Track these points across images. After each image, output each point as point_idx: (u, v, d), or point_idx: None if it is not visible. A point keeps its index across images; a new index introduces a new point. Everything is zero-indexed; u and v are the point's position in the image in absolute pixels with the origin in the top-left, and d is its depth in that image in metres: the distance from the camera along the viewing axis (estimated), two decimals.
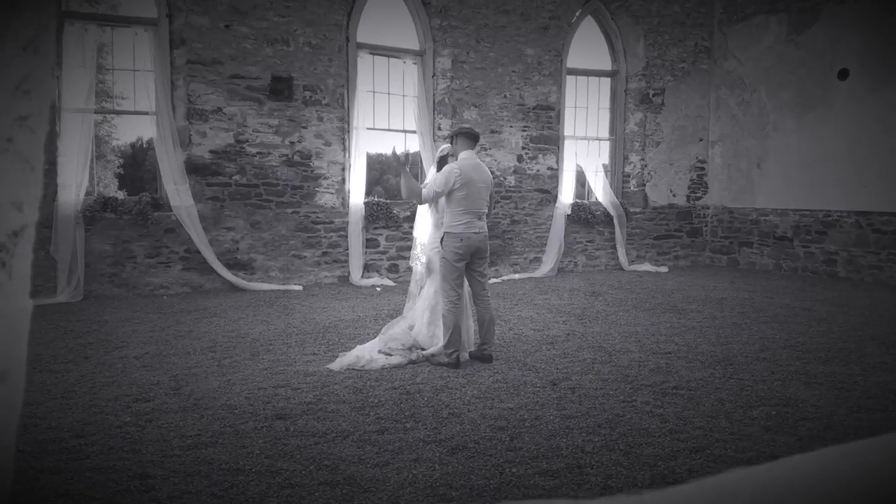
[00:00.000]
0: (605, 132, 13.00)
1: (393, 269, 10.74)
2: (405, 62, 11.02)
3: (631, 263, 12.52)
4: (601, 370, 5.40)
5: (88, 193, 8.94)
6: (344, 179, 10.38)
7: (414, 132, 11.04)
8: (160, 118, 9.14)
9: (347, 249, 10.36)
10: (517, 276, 11.38)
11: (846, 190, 10.97)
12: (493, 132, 11.40)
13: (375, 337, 6.05)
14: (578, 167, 12.45)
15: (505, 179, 11.56)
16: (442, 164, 5.94)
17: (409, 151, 11.34)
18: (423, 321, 5.95)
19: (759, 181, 12.46)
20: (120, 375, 5.17)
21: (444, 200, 5.65)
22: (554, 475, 3.41)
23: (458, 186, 5.51)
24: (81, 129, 8.69)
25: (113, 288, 8.92)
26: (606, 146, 13.04)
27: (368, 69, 10.60)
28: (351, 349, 5.85)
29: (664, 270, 12.20)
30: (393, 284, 10.21)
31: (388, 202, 10.73)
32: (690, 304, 8.61)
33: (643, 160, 12.83)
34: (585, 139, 12.67)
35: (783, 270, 12.03)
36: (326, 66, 10.04)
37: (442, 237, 5.61)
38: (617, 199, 12.58)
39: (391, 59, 10.93)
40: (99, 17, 10.33)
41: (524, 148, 11.71)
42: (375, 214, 10.53)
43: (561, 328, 7.06)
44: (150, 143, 11.82)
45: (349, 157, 10.38)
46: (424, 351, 5.73)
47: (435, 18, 10.89)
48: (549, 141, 11.94)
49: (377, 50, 10.72)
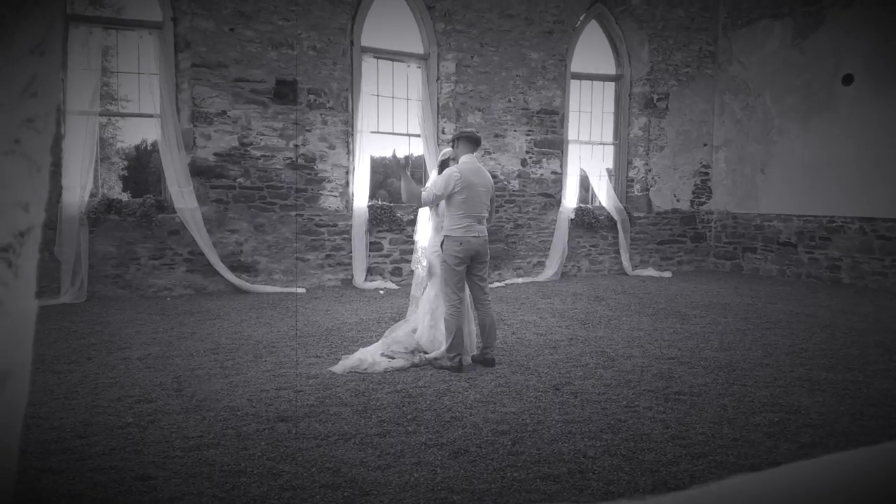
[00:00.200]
0: (609, 136, 13.01)
1: (396, 272, 10.75)
2: (409, 66, 11.04)
3: (634, 268, 12.51)
4: (604, 375, 5.39)
5: (93, 195, 8.98)
6: (348, 182, 10.40)
7: (418, 136, 11.05)
8: (165, 121, 9.17)
9: (351, 252, 10.38)
10: (520, 280, 11.38)
11: (850, 195, 10.95)
12: (497, 136, 11.41)
13: (378, 340, 6.06)
14: (582, 171, 12.47)
15: (509, 183, 11.56)
16: (443, 167, 5.95)
17: (410, 155, 11.36)
18: (425, 324, 5.95)
19: (763, 186, 12.45)
20: (122, 376, 5.18)
21: (444, 204, 5.66)
22: (555, 480, 3.40)
23: (458, 190, 5.52)
24: (86, 131, 8.74)
25: (116, 289, 8.94)
26: (610, 151, 13.05)
27: (372, 73, 10.62)
28: (354, 352, 5.85)
29: (668, 275, 12.18)
30: (396, 287, 10.22)
31: (391, 205, 10.73)
32: (694, 309, 8.60)
33: (647, 165, 12.83)
34: (589, 143, 12.68)
35: (787, 276, 12.00)
36: (331, 69, 10.06)
37: (442, 241, 5.62)
38: (621, 203, 12.57)
39: (395, 62, 10.95)
40: (104, 20, 10.35)
41: (528, 152, 11.72)
42: (379, 217, 10.54)
43: (564, 333, 7.06)
44: (154, 145, 11.86)
45: (353, 160, 10.40)
46: (427, 354, 5.73)
47: (439, 22, 10.91)
48: (552, 145, 11.94)
49: (381, 54, 10.74)
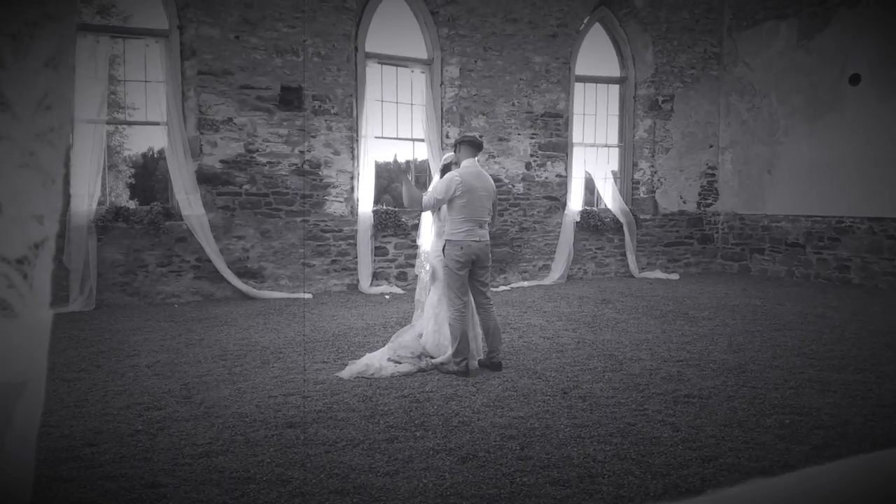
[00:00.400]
0: (613, 139, 13.00)
1: (401, 276, 10.75)
2: (413, 71, 11.06)
3: (641, 271, 12.48)
4: (612, 378, 5.38)
5: (101, 203, 9.01)
6: (353, 188, 10.42)
7: (422, 140, 11.07)
8: (171, 128, 9.21)
9: (356, 257, 10.38)
10: (526, 283, 11.36)
11: (859, 196, 10.90)
12: (501, 140, 11.42)
13: (385, 345, 6.05)
14: (587, 174, 12.45)
15: (513, 187, 11.56)
16: (445, 171, 5.95)
17: (414, 159, 11.37)
18: (429, 329, 5.95)
19: (770, 187, 12.41)
20: (132, 384, 5.19)
21: (445, 209, 5.67)
22: (565, 485, 3.39)
23: (458, 194, 5.53)
24: (94, 139, 8.77)
25: (125, 297, 8.97)
26: (615, 153, 13.03)
27: (377, 78, 10.65)
28: (360, 357, 5.85)
29: (675, 278, 12.15)
30: (402, 292, 10.22)
31: (396, 210, 10.75)
32: (702, 311, 8.58)
33: (653, 167, 12.81)
34: (594, 146, 12.67)
35: (795, 277, 11.96)
36: (335, 75, 10.09)
37: (444, 245, 5.62)
38: (626, 205, 12.55)
39: (399, 68, 10.97)
40: (111, 29, 10.43)
41: (532, 155, 11.72)
42: (384, 222, 10.56)
43: (571, 336, 7.04)
44: (161, 153, 11.91)
45: (358, 165, 10.42)
46: (433, 359, 5.72)
47: (443, 28, 10.93)
48: (557, 148, 11.94)
49: (385, 59, 10.77)
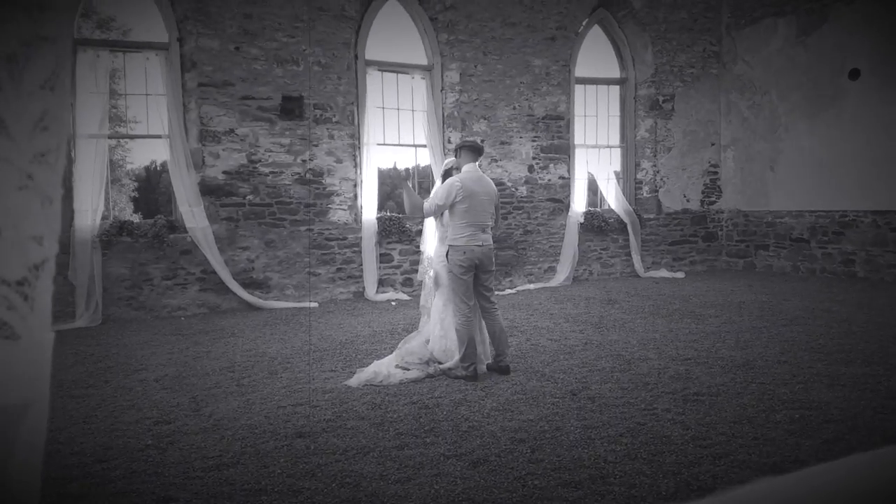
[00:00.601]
0: (615, 140, 12.99)
1: (407, 283, 10.75)
2: (413, 77, 11.08)
3: (647, 270, 12.45)
4: (620, 378, 5.37)
5: (104, 218, 9.04)
6: (356, 195, 10.43)
7: (424, 146, 11.08)
8: (173, 141, 9.23)
9: (362, 265, 10.39)
10: (532, 286, 11.35)
11: (862, 189, 10.88)
12: (503, 143, 11.42)
13: (392, 352, 6.05)
14: (590, 175, 12.45)
15: (517, 190, 11.56)
16: (447, 177, 5.96)
17: (417, 165, 11.39)
18: (435, 334, 5.94)
19: (772, 184, 12.39)
20: (140, 398, 5.20)
21: (447, 214, 5.67)
22: (577, 486, 3.38)
23: (459, 199, 5.53)
24: (96, 154, 8.81)
25: (131, 311, 8.99)
26: (617, 153, 13.03)
27: (377, 86, 10.67)
28: (368, 365, 5.84)
29: (680, 276, 12.13)
30: (408, 298, 10.22)
31: (400, 216, 10.75)
32: (708, 309, 8.55)
33: (655, 166, 12.79)
34: (596, 147, 12.66)
35: (801, 272, 11.92)
36: (336, 84, 10.11)
37: (447, 251, 5.62)
38: (630, 205, 12.54)
39: (400, 74, 10.99)
40: (110, 43, 10.48)
41: (535, 158, 11.72)
42: (388, 229, 10.56)
43: (578, 337, 7.03)
44: (164, 165, 11.95)
45: (360, 173, 10.43)
46: (441, 365, 5.72)
47: (442, 33, 10.95)
48: (559, 150, 11.94)
49: (385, 66, 10.79)
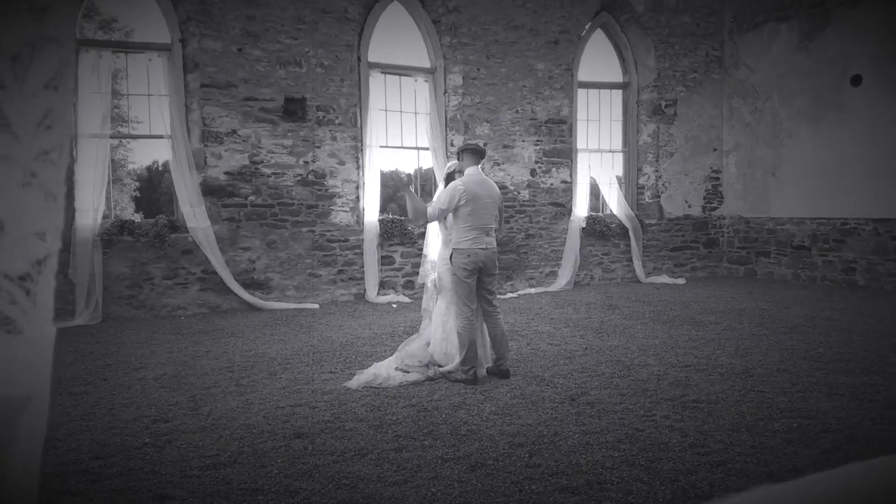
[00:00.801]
0: (618, 144, 13.00)
1: (408, 285, 10.76)
2: (416, 80, 11.10)
3: (648, 276, 12.45)
4: (620, 384, 5.37)
5: (105, 217, 9.06)
6: (358, 197, 10.44)
7: (427, 149, 11.09)
8: (175, 141, 9.24)
9: (363, 267, 10.40)
10: (533, 290, 11.35)
11: (863, 197, 10.87)
12: (505, 147, 11.43)
13: (392, 354, 6.06)
14: (592, 180, 12.45)
15: (519, 194, 11.57)
16: (449, 180, 5.97)
17: (421, 168, 11.39)
18: (436, 337, 5.94)
19: (774, 190, 12.39)
20: (139, 397, 5.20)
21: (451, 217, 5.68)
22: (574, 492, 3.38)
23: (463, 203, 5.54)
24: (97, 154, 8.83)
25: (131, 310, 9.00)
26: (620, 158, 13.03)
27: (380, 88, 10.69)
28: (368, 367, 5.85)
29: (681, 282, 12.13)
30: (409, 301, 10.22)
31: (402, 219, 10.76)
32: (708, 315, 8.55)
33: (657, 171, 12.80)
34: (598, 152, 12.67)
35: (801, 280, 11.92)
36: (339, 86, 10.13)
37: (451, 254, 5.63)
38: (632, 210, 12.54)
39: (402, 77, 11.01)
40: (113, 43, 10.51)
41: (537, 162, 11.73)
42: (390, 231, 10.57)
43: (578, 342, 7.03)
44: (165, 166, 11.97)
45: (363, 175, 10.44)
46: (441, 368, 5.72)
47: (445, 36, 10.97)
48: (562, 154, 11.95)
49: (388, 69, 10.81)
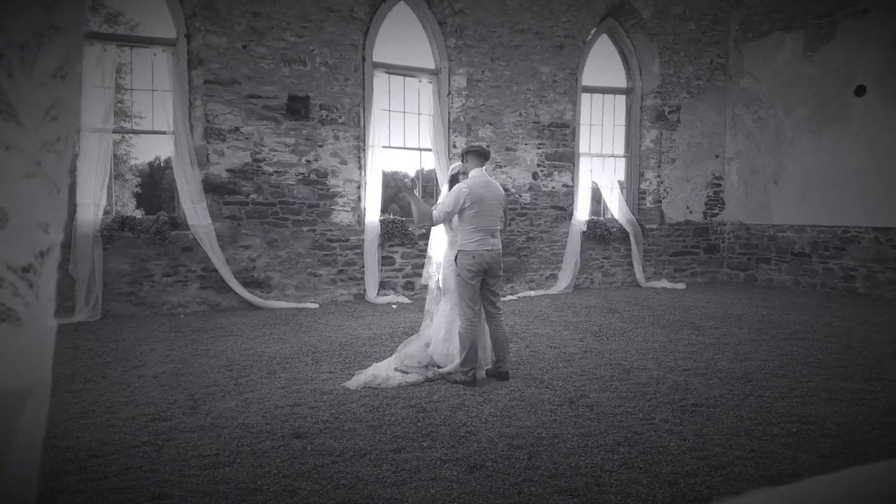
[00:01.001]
0: (620, 149, 13.01)
1: (409, 286, 10.75)
2: (420, 81, 11.10)
3: (648, 280, 12.45)
4: (619, 388, 5.36)
5: (106, 212, 9.05)
6: (360, 197, 10.44)
7: (429, 150, 11.09)
8: (178, 137, 9.24)
9: (363, 267, 10.39)
10: (533, 293, 11.35)
11: (864, 206, 10.87)
12: (508, 150, 11.43)
13: (392, 355, 6.05)
14: (594, 184, 12.46)
15: (520, 196, 11.56)
16: (454, 182, 5.97)
17: (423, 169, 11.39)
18: (438, 338, 5.94)
19: (775, 197, 12.39)
20: (138, 395, 5.19)
21: (456, 219, 5.68)
22: (573, 494, 3.38)
23: (468, 205, 5.53)
24: (100, 148, 8.79)
25: (130, 307, 8.99)
26: (622, 163, 13.04)
27: (384, 88, 10.68)
28: (367, 367, 5.84)
29: (681, 287, 12.12)
30: (409, 302, 10.21)
31: (403, 219, 10.75)
32: (708, 320, 8.54)
33: (659, 177, 12.80)
34: (601, 156, 12.67)
35: (801, 287, 11.91)
36: (343, 85, 10.13)
37: (456, 255, 5.63)
38: (633, 215, 12.54)
39: (407, 77, 11.01)
40: (118, 37, 10.48)
41: (539, 165, 11.72)
42: (391, 232, 10.56)
43: (578, 345, 7.02)
44: (167, 162, 11.97)
45: (365, 175, 10.44)
46: (441, 369, 5.71)
47: (450, 38, 10.97)
48: (564, 158, 11.95)
49: (393, 69, 10.80)
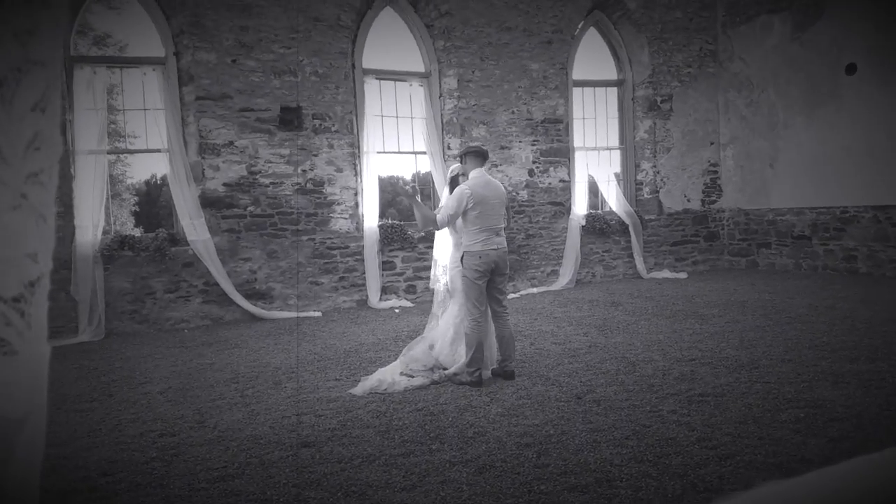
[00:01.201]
0: (614, 141, 13.00)
1: (410, 290, 10.75)
2: (411, 85, 11.10)
3: (649, 271, 12.44)
4: (625, 381, 5.36)
5: (105, 232, 9.05)
6: (357, 204, 10.44)
7: (424, 153, 11.09)
8: (173, 155, 9.25)
9: (364, 273, 10.39)
10: (535, 290, 11.34)
11: (862, 185, 10.86)
12: (502, 148, 11.43)
13: (396, 359, 6.05)
14: (590, 178, 12.46)
15: (517, 194, 11.56)
16: (454, 184, 5.99)
17: (419, 172, 11.40)
18: (445, 339, 5.94)
19: (772, 181, 12.38)
20: (144, 411, 5.20)
21: (460, 221, 5.69)
22: (583, 490, 3.37)
23: (471, 206, 5.55)
24: (95, 170, 8.81)
25: (134, 324, 8.99)
26: (617, 155, 13.03)
27: (375, 94, 10.68)
28: (372, 373, 5.84)
29: (683, 276, 12.11)
30: (411, 305, 10.21)
31: (401, 224, 10.76)
32: (712, 308, 8.54)
33: (655, 167, 12.79)
34: (596, 149, 12.67)
35: (803, 270, 11.90)
36: (334, 93, 10.13)
37: (462, 256, 5.64)
38: (631, 207, 12.54)
39: (397, 82, 11.01)
40: (107, 59, 10.53)
41: (535, 162, 11.72)
42: (390, 237, 10.56)
43: (582, 340, 7.02)
44: (164, 179, 11.97)
45: (361, 181, 10.44)
46: (446, 371, 5.72)
47: (439, 40, 10.98)
48: (559, 153, 11.94)
49: (383, 74, 10.81)
